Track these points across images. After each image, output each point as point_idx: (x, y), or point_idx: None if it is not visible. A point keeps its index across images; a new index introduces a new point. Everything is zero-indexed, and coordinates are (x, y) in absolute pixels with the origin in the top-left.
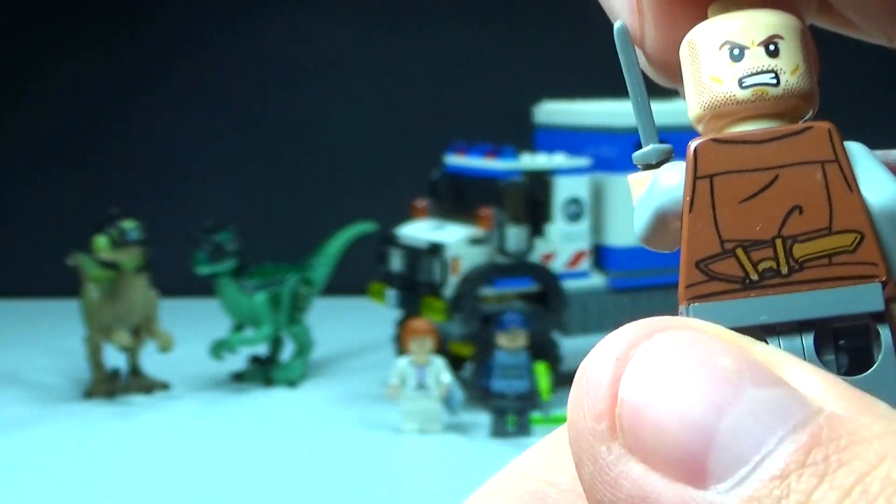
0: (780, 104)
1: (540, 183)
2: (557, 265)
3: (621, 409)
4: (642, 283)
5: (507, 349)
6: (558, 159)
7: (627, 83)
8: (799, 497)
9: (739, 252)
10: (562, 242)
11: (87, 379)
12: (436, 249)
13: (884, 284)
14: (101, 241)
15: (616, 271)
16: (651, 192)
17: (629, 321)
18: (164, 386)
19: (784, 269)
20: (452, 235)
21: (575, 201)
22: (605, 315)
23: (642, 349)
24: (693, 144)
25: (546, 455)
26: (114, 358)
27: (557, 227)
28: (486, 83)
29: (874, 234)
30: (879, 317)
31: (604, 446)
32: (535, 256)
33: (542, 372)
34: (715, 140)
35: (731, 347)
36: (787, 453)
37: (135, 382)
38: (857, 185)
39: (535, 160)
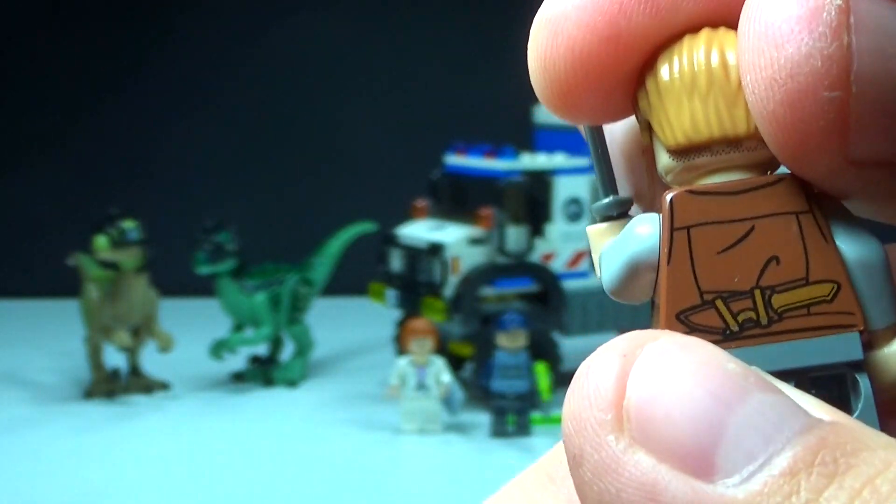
0: (752, 156)
1: (540, 183)
2: (557, 265)
3: (629, 403)
4: None
5: (507, 349)
6: (558, 159)
7: (588, 136)
8: (809, 495)
9: (719, 303)
10: (562, 242)
11: (87, 379)
12: (436, 249)
13: (861, 334)
14: (101, 241)
15: None
16: (624, 241)
17: (629, 321)
18: (164, 386)
19: (764, 320)
20: (452, 235)
21: (575, 201)
22: (605, 315)
23: (650, 347)
24: (668, 196)
25: (526, 489)
26: (114, 358)
27: (557, 227)
28: (486, 83)
29: (850, 284)
30: (857, 366)
31: (611, 435)
32: (535, 256)
33: (542, 372)
34: (690, 192)
35: (735, 359)
36: (795, 452)
37: (135, 382)
38: (831, 236)
39: (535, 160)
